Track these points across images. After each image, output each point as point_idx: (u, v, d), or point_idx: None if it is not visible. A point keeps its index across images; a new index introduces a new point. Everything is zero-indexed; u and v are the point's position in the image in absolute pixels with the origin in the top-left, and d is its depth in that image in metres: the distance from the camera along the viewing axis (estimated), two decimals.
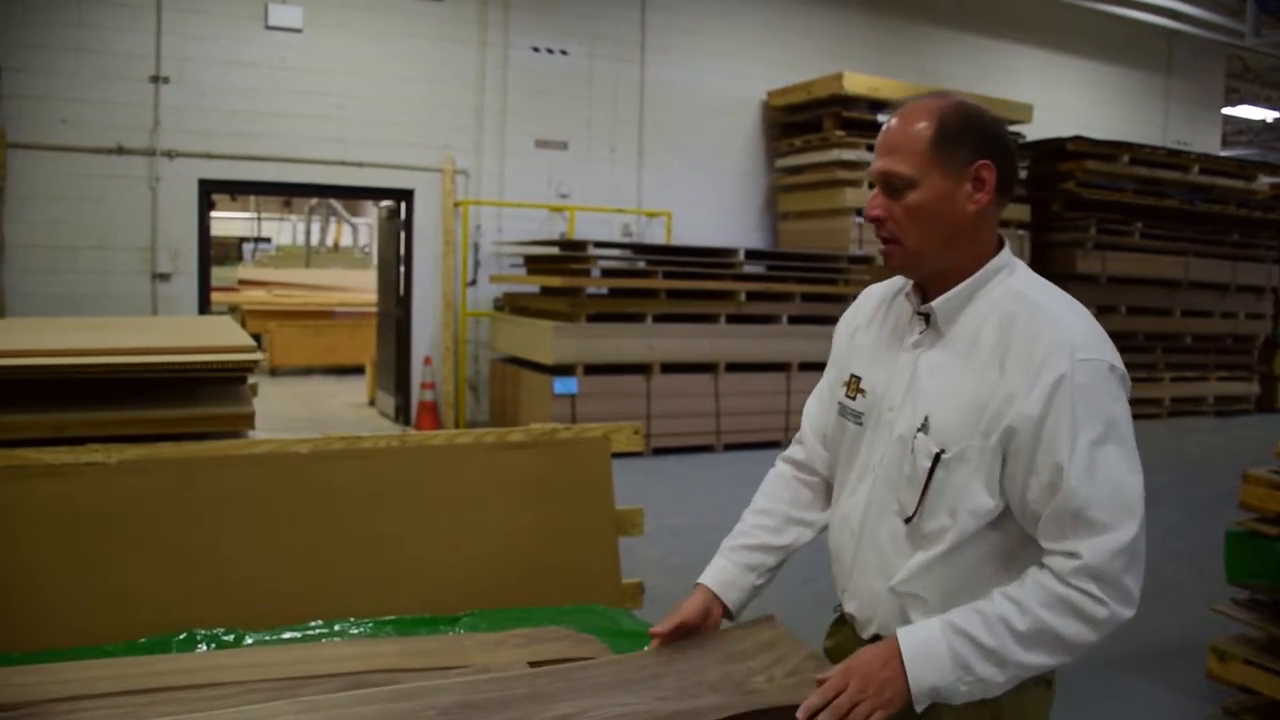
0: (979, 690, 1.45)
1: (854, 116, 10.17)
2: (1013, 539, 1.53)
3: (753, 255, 9.28)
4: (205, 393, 3.00)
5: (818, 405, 1.87)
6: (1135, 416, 1.51)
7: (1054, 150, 11.34)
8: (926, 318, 1.60)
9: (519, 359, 9.29)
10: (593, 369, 8.64)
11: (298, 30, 9.09)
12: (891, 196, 1.55)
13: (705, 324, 8.87)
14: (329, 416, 10.75)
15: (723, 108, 10.88)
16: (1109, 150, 11.44)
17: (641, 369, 8.80)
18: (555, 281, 8.88)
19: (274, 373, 13.88)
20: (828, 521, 1.80)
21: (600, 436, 2.64)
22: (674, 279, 8.91)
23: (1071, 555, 1.42)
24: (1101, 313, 11.30)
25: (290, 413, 10.61)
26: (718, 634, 1.77)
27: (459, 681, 1.58)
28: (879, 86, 10.26)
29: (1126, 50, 13.76)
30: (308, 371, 14.44)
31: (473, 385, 10.10)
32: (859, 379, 1.69)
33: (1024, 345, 1.47)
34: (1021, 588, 1.46)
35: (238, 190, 12.90)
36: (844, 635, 1.75)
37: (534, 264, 9.67)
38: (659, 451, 8.45)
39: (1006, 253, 1.61)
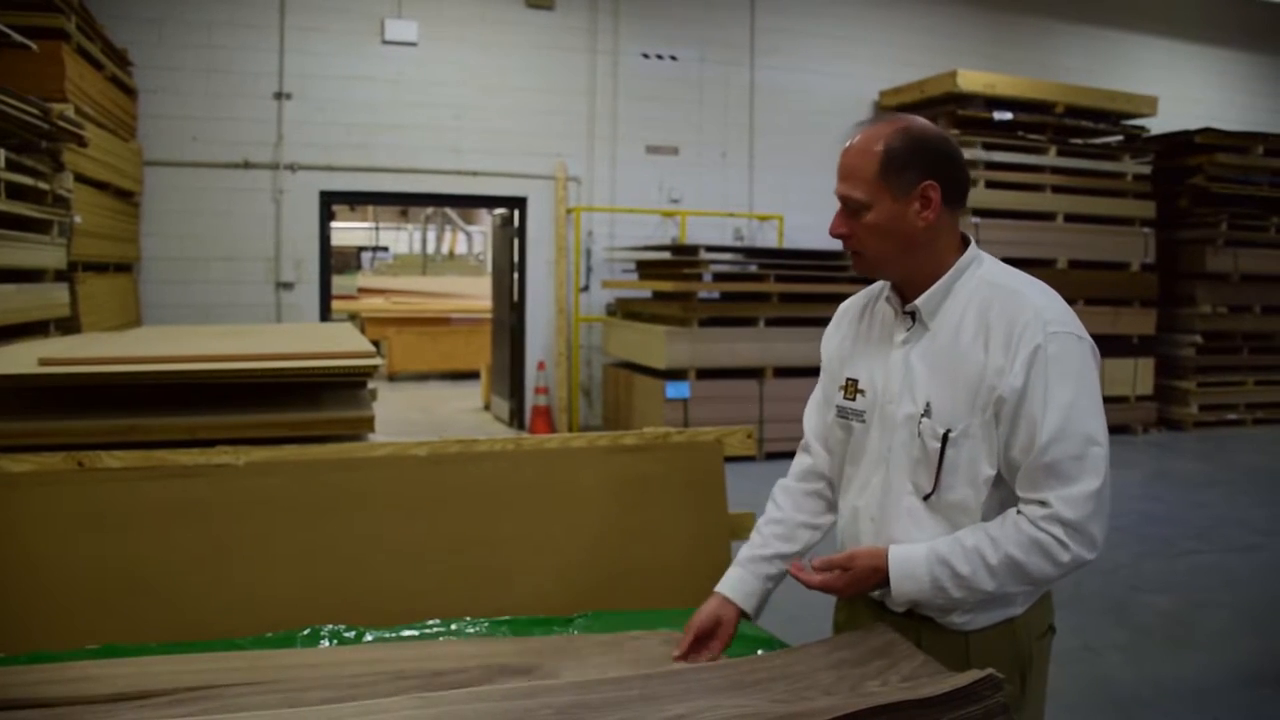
0: (951, 605, 1.70)
1: (969, 115, 9.94)
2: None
3: None
4: (328, 397, 3.08)
5: (816, 413, 2.04)
6: (1273, 422, 1.51)
7: (1181, 144, 10.88)
8: (912, 315, 1.77)
9: (631, 363, 9.34)
10: (705, 373, 8.63)
11: (413, 44, 9.32)
12: (851, 216, 1.74)
13: (819, 327, 8.59)
14: (445, 421, 10.96)
15: (834, 109, 10.74)
16: (1241, 142, 10.93)
17: (754, 373, 8.76)
18: (667, 286, 8.89)
19: (392, 378, 14.21)
20: (833, 523, 1.99)
21: (713, 440, 2.64)
22: (786, 282, 8.86)
23: (1043, 504, 1.62)
24: (1234, 312, 10.85)
25: (408, 417, 10.85)
26: (831, 640, 1.77)
27: (573, 682, 1.59)
28: (995, 83, 10.02)
29: (1260, 36, 13.10)
30: (424, 377, 14.74)
31: (585, 390, 10.18)
32: (855, 381, 1.86)
33: (1002, 325, 1.66)
34: (999, 527, 1.65)
35: (357, 201, 13.23)
36: (855, 609, 1.91)
37: (646, 269, 9.71)
38: (772, 456, 8.36)
39: (974, 248, 1.79)
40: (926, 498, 1.72)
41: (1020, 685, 1.75)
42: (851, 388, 1.86)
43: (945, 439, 1.68)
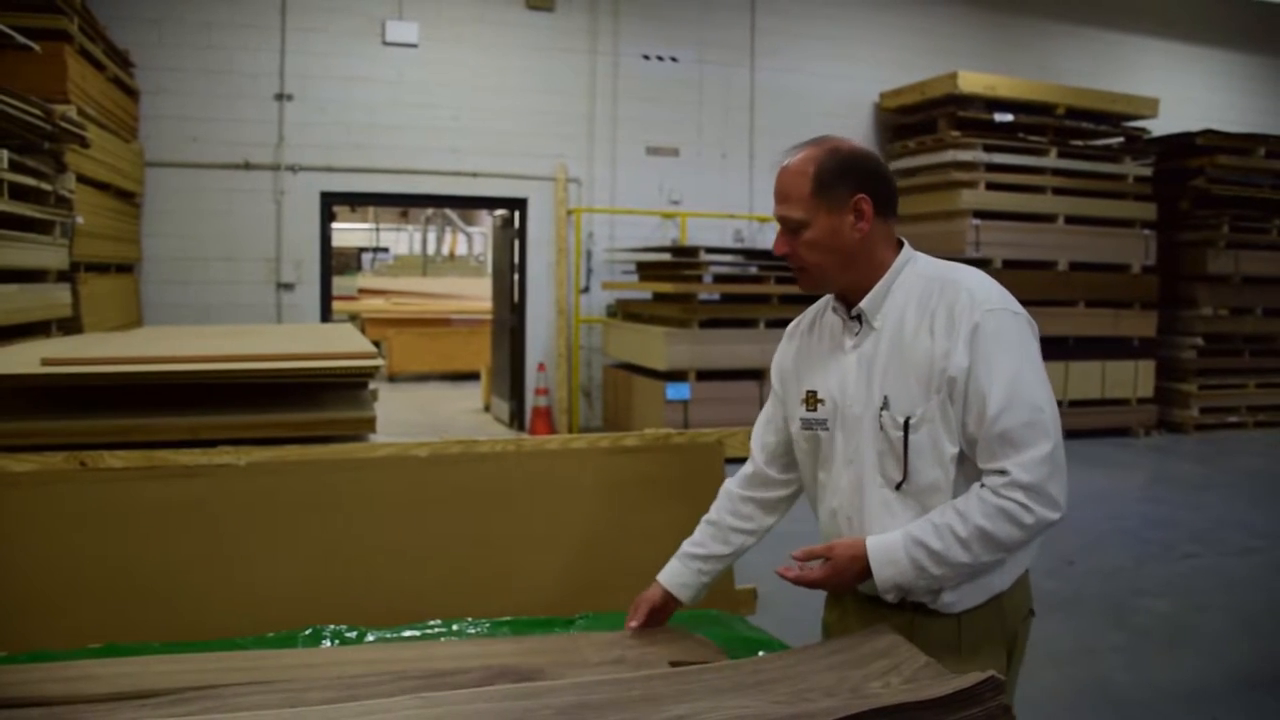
0: (935, 584, 1.75)
1: (969, 116, 9.94)
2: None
3: None
4: (329, 398, 3.09)
5: (763, 428, 2.11)
6: (1274, 425, 1.51)
7: (1182, 146, 10.86)
8: (858, 319, 1.87)
9: (632, 365, 9.34)
10: (705, 374, 8.63)
11: (414, 45, 9.32)
12: (791, 234, 1.84)
13: None
14: (445, 422, 10.96)
15: (835, 110, 10.73)
16: (1243, 143, 10.90)
17: (754, 374, 8.75)
18: (667, 288, 8.90)
19: (392, 379, 14.20)
20: (770, 526, 2.11)
21: (714, 442, 2.64)
22: (787, 284, 8.84)
23: (1002, 472, 1.70)
24: (1235, 314, 10.83)
25: (408, 418, 10.83)
26: (832, 642, 1.77)
27: (574, 682, 1.59)
28: (995, 85, 10.02)
29: (1261, 37, 13.09)
30: (424, 378, 14.73)
31: (586, 391, 10.18)
32: (814, 392, 1.93)
33: (943, 311, 1.76)
34: (965, 501, 1.73)
35: (357, 202, 13.21)
36: (845, 608, 1.96)
37: (646, 270, 9.71)
38: None
39: (908, 249, 1.89)
40: (899, 486, 1.80)
41: (1007, 664, 1.84)
42: (811, 399, 1.94)
43: (906, 426, 1.77)
